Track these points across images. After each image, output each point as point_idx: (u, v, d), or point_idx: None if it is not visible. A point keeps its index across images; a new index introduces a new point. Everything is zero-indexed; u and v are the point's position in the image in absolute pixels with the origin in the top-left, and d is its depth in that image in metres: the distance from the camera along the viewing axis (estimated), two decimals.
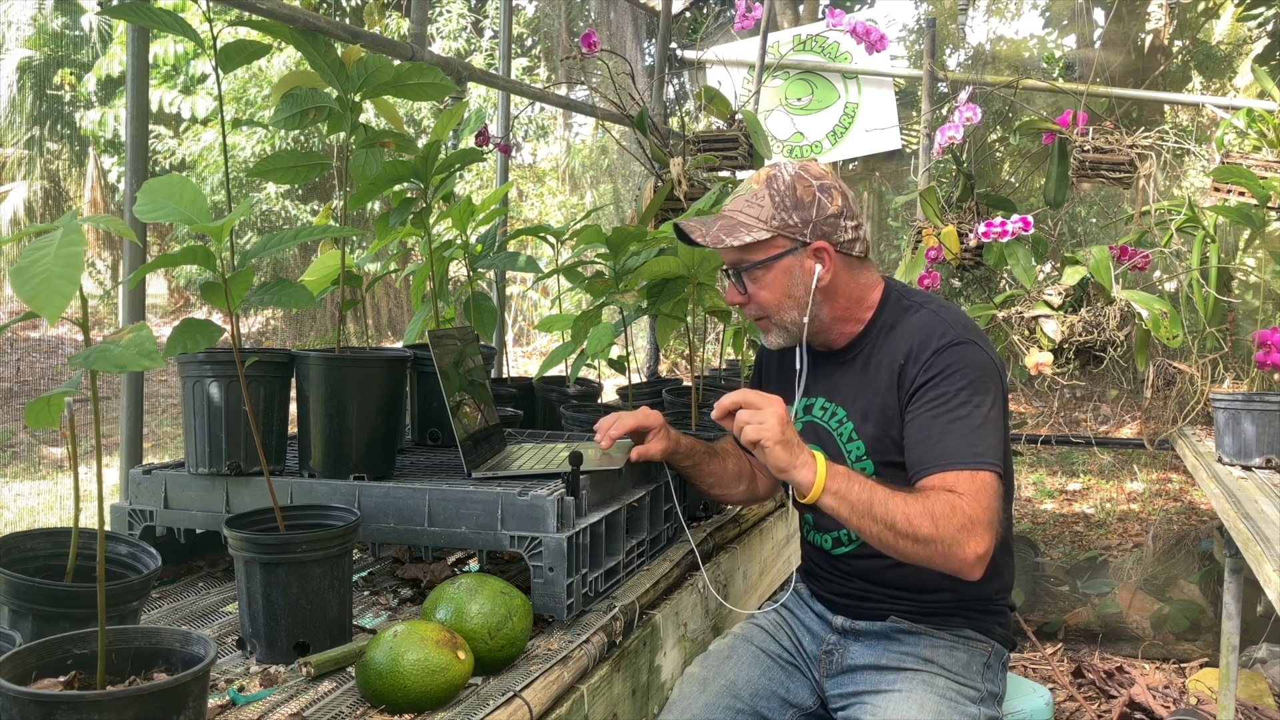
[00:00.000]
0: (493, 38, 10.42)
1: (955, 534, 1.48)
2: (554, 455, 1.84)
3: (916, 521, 1.49)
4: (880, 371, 1.69)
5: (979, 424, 1.57)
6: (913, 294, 1.78)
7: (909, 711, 1.60)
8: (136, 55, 1.95)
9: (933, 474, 1.56)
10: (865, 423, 1.70)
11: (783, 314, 1.72)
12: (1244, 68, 5.80)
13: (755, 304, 1.74)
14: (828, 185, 1.69)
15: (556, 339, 3.97)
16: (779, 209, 1.67)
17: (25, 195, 13.11)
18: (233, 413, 1.62)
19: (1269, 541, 2.10)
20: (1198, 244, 3.39)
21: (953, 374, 1.61)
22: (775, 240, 1.68)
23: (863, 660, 1.73)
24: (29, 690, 0.96)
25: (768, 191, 1.69)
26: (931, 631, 1.71)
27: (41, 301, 0.85)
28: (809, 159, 1.77)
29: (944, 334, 1.65)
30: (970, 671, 1.69)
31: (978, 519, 1.49)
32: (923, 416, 1.61)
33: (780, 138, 4.70)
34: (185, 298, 13.68)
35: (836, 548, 1.77)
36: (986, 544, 1.50)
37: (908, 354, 1.66)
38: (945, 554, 1.49)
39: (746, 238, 1.67)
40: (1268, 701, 3.50)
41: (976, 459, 1.54)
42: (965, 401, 1.58)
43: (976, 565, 1.50)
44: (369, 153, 1.81)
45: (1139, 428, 4.00)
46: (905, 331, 1.69)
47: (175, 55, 9.13)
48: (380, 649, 1.25)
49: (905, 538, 1.50)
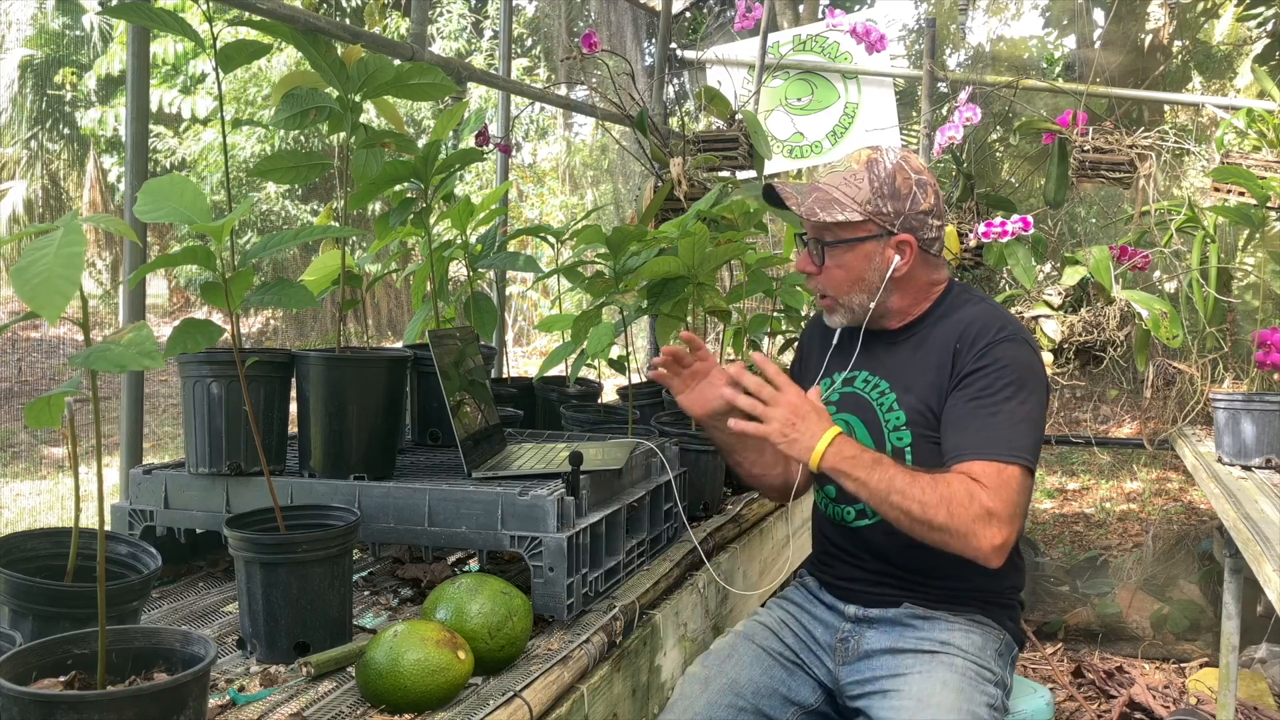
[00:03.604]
0: (493, 38, 10.42)
1: (970, 524, 1.52)
2: (554, 455, 1.84)
3: (932, 510, 1.53)
4: (933, 351, 1.73)
5: (1019, 420, 1.61)
6: (974, 291, 1.83)
7: (933, 691, 1.59)
8: (137, 55, 1.95)
9: (963, 461, 1.59)
10: (908, 394, 1.73)
11: (851, 295, 1.76)
12: (1244, 68, 5.79)
13: (826, 280, 1.76)
14: (925, 181, 1.73)
15: (556, 339, 3.96)
16: (876, 195, 1.70)
17: (25, 195, 13.12)
18: (233, 413, 1.61)
19: (1269, 541, 2.10)
20: (1197, 244, 3.39)
21: (1003, 367, 1.64)
22: (865, 224, 1.71)
23: (880, 645, 1.73)
24: (29, 690, 0.96)
25: (868, 175, 1.71)
26: (947, 617, 1.72)
27: (41, 301, 0.85)
28: (909, 150, 1.80)
29: (1002, 328, 1.68)
30: (986, 655, 1.69)
31: (996, 511, 1.53)
32: (966, 404, 1.64)
33: (780, 138, 4.70)
34: (185, 298, 13.68)
35: (859, 519, 1.77)
36: (1005, 535, 1.53)
37: (962, 337, 1.69)
38: (961, 543, 1.54)
39: (839, 216, 1.70)
40: (1268, 701, 3.50)
41: (1011, 452, 1.57)
42: (1010, 397, 1.62)
43: (994, 555, 1.54)
44: (369, 153, 1.81)
45: (1139, 428, 4.00)
46: (962, 318, 1.73)
47: (175, 55, 9.13)
48: (380, 649, 1.25)
49: (920, 523, 1.54)
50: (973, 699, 1.59)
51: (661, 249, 2.12)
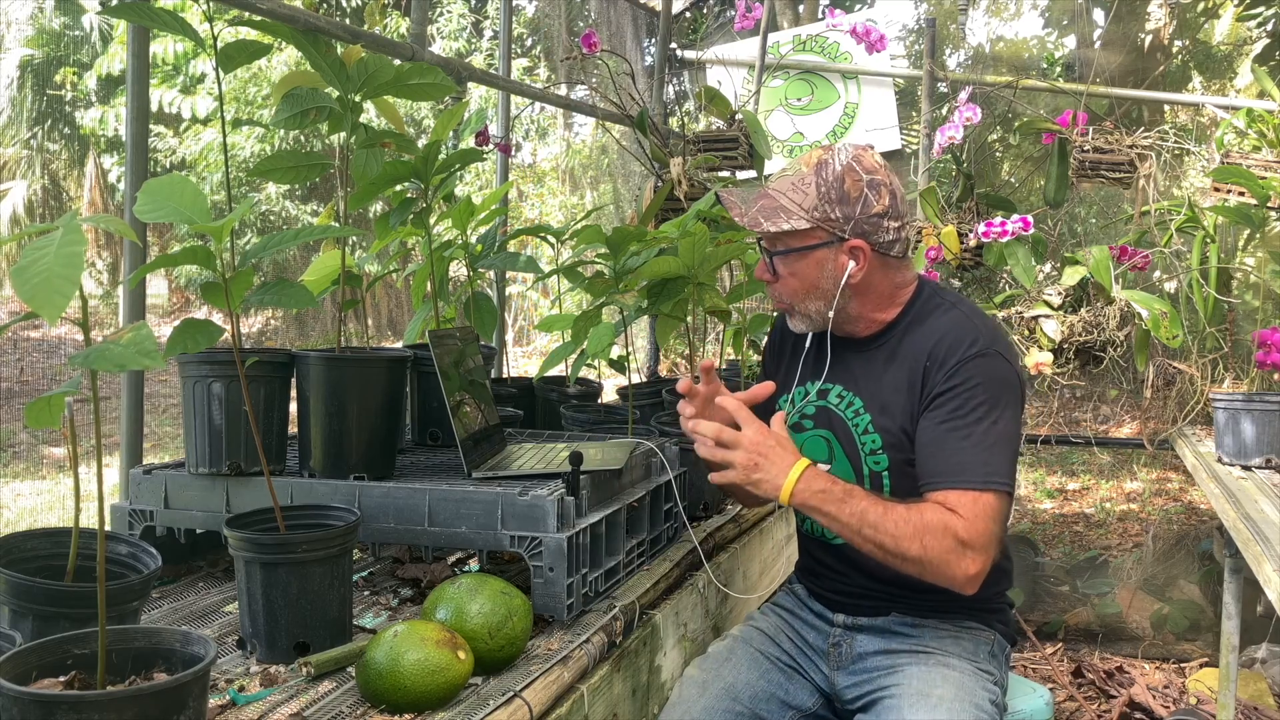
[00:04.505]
0: (493, 38, 10.42)
1: (944, 555, 1.51)
2: (554, 455, 1.84)
3: (905, 543, 1.51)
4: (904, 367, 1.68)
5: (993, 441, 1.57)
6: (946, 294, 1.77)
7: (933, 686, 1.59)
8: (137, 55, 1.95)
9: (938, 490, 1.56)
10: (883, 416, 1.69)
11: (807, 303, 1.71)
12: (1244, 68, 5.79)
13: (782, 288, 1.72)
14: (878, 182, 1.66)
15: (556, 339, 3.96)
16: (823, 200, 1.64)
17: (25, 195, 13.12)
18: (233, 413, 1.61)
19: (1269, 541, 2.09)
20: (1197, 244, 3.38)
21: (974, 386, 1.60)
22: (814, 231, 1.66)
23: (872, 647, 1.73)
24: (29, 690, 0.96)
25: (815, 179, 1.65)
26: (935, 624, 1.72)
27: (41, 301, 0.85)
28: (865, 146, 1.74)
29: (973, 342, 1.63)
30: (980, 655, 1.70)
31: (971, 542, 1.51)
32: (938, 427, 1.60)
33: (780, 138, 4.70)
34: (185, 298, 13.68)
35: (837, 537, 1.76)
36: (979, 565, 1.52)
37: (932, 354, 1.65)
38: (934, 574, 1.53)
39: (785, 225, 1.65)
40: (1268, 701, 3.49)
41: (986, 479, 1.55)
42: (982, 418, 1.58)
43: (968, 585, 1.53)
44: (369, 153, 1.81)
45: (1139, 428, 4.00)
46: (933, 330, 1.68)
47: (175, 55, 9.13)
48: (380, 649, 1.25)
49: (894, 556, 1.53)
50: (974, 693, 1.59)
51: (661, 249, 2.12)
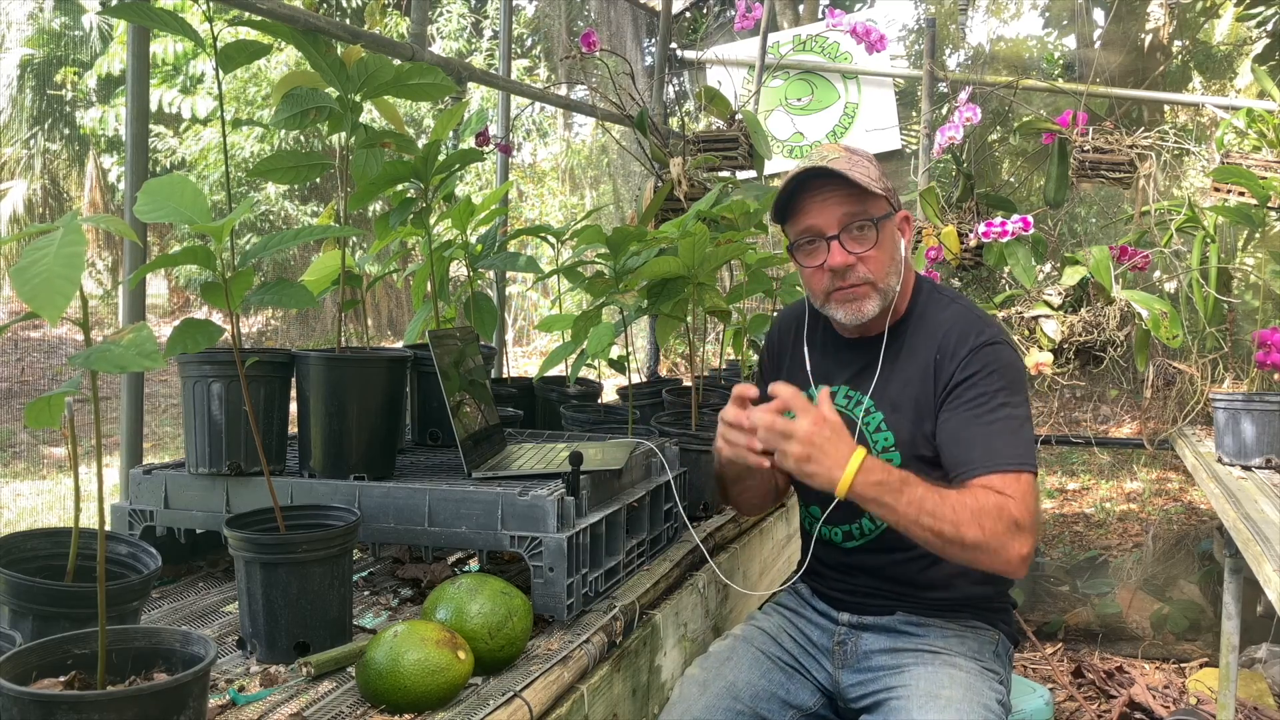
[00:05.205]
0: (493, 38, 10.42)
1: (1001, 538, 1.50)
2: (554, 455, 1.84)
3: (964, 529, 1.49)
4: (911, 363, 1.69)
5: (1016, 425, 1.59)
6: (944, 290, 1.78)
7: (941, 685, 1.59)
8: (137, 55, 1.95)
9: (979, 475, 1.56)
10: (896, 414, 1.69)
11: (890, 277, 1.69)
12: (1244, 68, 5.79)
13: (872, 264, 1.66)
14: None
15: (556, 339, 3.97)
16: (881, 174, 1.66)
17: (25, 195, 13.11)
18: (233, 413, 1.61)
19: (1269, 541, 2.09)
20: (1198, 244, 3.39)
21: (991, 373, 1.61)
22: (885, 200, 1.67)
23: (878, 645, 1.73)
24: (29, 690, 0.96)
25: (859, 155, 1.66)
26: (940, 623, 1.72)
27: (42, 301, 0.85)
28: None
29: (979, 332, 1.65)
30: (985, 654, 1.70)
31: (1023, 522, 1.51)
32: (963, 415, 1.61)
33: (780, 138, 4.70)
34: (185, 298, 13.69)
35: (847, 541, 1.76)
36: (1030, 545, 1.52)
37: (941, 346, 1.66)
38: (991, 558, 1.51)
39: (878, 189, 1.64)
40: (1268, 701, 3.49)
41: (1019, 460, 1.56)
42: (1004, 403, 1.59)
43: (1021, 566, 1.52)
44: (369, 153, 1.81)
45: (1139, 428, 4.00)
46: (938, 324, 1.69)
47: (175, 55, 9.13)
48: (380, 649, 1.25)
49: (952, 543, 1.50)
50: (982, 693, 1.59)
51: (661, 249, 2.12)
